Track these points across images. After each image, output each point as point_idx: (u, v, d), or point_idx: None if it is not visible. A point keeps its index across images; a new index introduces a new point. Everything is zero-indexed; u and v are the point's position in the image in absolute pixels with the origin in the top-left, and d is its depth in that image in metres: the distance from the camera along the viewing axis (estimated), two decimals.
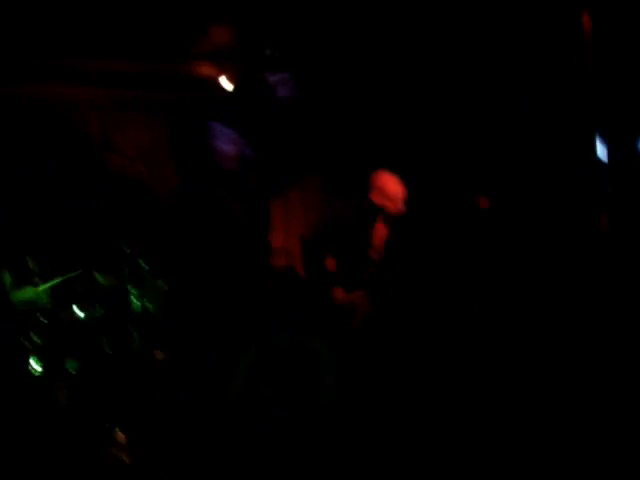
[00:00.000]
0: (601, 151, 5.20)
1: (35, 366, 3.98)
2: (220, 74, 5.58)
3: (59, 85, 5.07)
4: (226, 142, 5.52)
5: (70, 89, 5.21)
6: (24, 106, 5.15)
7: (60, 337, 4.13)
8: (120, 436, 3.74)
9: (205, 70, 5.43)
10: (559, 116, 5.25)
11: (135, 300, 4.42)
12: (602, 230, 4.97)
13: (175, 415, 3.91)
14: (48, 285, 4.44)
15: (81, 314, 4.23)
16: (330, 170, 6.42)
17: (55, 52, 4.53)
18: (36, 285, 4.46)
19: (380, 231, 4.52)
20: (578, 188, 5.09)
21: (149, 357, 4.22)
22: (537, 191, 5.11)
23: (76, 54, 4.62)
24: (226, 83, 5.61)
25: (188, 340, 4.35)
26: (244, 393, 4.02)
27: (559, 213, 5.03)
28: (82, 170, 5.27)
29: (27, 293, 4.40)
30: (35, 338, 4.06)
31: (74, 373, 4.01)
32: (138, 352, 4.24)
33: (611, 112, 5.27)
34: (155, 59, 5.01)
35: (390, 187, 4.42)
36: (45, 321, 4.13)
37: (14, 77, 4.79)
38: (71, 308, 4.25)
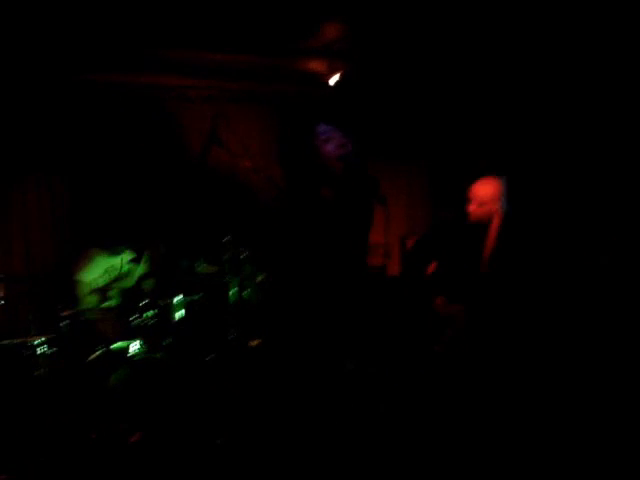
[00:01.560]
0: None
1: (133, 347, 4.08)
2: (330, 71, 5.58)
3: (171, 76, 5.22)
4: (330, 142, 5.49)
5: (182, 80, 5.36)
6: (137, 96, 5.35)
7: (160, 321, 4.21)
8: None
9: (315, 66, 5.42)
10: None
11: (233, 290, 4.45)
12: None
13: (262, 404, 3.90)
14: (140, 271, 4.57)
15: (179, 299, 4.29)
16: (436, 172, 6.29)
17: (169, 43, 4.64)
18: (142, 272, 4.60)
19: (489, 243, 4.32)
20: None
21: (243, 346, 4.23)
22: None
23: (188, 45, 4.72)
24: (334, 80, 5.59)
25: (282, 332, 4.33)
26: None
27: None
28: (190, 162, 5.40)
29: (131, 281, 4.54)
30: (136, 322, 4.15)
31: (170, 357, 4.07)
32: (233, 340, 4.26)
33: None
34: (267, 52, 5.05)
35: (482, 192, 4.23)
36: (146, 306, 4.22)
37: (127, 67, 4.97)
38: (172, 294, 4.33)
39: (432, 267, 4.43)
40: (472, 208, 4.20)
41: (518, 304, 4.20)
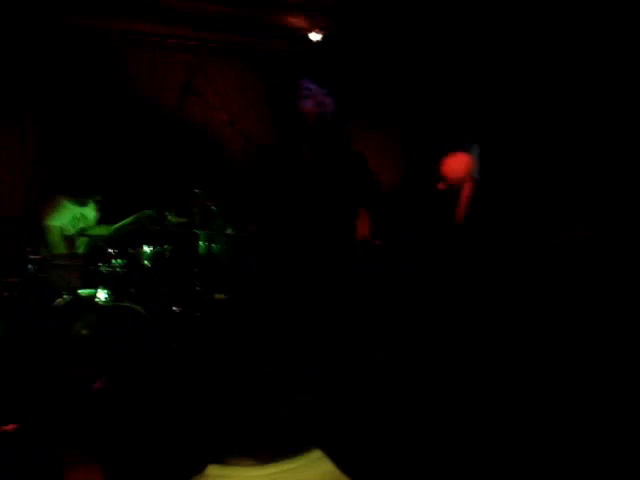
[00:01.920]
0: None
1: (101, 295, 4.09)
2: (312, 27, 5.52)
3: (150, 23, 5.13)
4: (310, 99, 5.46)
5: (162, 28, 5.27)
6: (114, 42, 5.25)
7: (127, 270, 4.22)
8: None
9: (296, 20, 5.37)
10: None
11: (202, 242, 4.46)
12: None
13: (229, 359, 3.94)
14: (121, 223, 4.56)
15: (148, 250, 4.29)
16: (410, 136, 6.30)
17: None
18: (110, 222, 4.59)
19: (460, 211, 4.42)
20: None
21: (209, 297, 4.26)
22: None
23: None
24: (315, 36, 5.55)
25: (249, 287, 4.36)
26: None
27: None
28: (164, 112, 5.34)
29: (101, 229, 4.53)
30: (104, 269, 4.16)
31: (137, 306, 4.09)
32: (199, 292, 4.29)
33: None
34: (249, 3, 4.98)
35: (451, 169, 4.32)
36: (115, 255, 4.22)
37: (103, 11, 4.87)
38: (140, 244, 4.33)
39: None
40: (442, 184, 4.31)
41: (490, 274, 4.31)
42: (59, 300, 4.02)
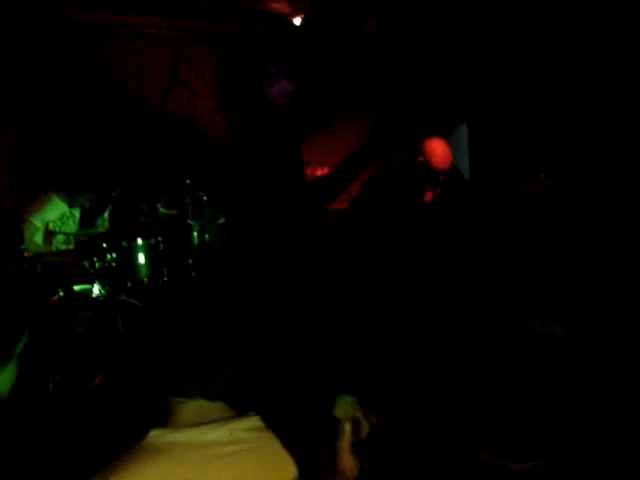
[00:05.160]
0: None
1: (96, 289, 4.08)
2: (294, 12, 5.48)
3: (132, 14, 5.07)
4: (275, 85, 5.45)
5: (143, 18, 5.20)
6: (98, 34, 5.18)
7: (121, 264, 4.20)
8: None
9: (278, 6, 5.32)
10: None
11: (195, 232, 4.45)
12: None
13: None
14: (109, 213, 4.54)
15: (141, 242, 4.27)
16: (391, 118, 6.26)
17: None
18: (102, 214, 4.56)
19: (429, 194, 4.50)
20: None
21: (203, 287, 4.26)
22: None
23: None
24: (298, 21, 5.51)
25: (241, 277, 4.37)
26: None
27: None
28: (150, 103, 5.29)
29: (92, 224, 4.51)
30: (98, 264, 4.14)
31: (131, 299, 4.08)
32: (193, 281, 4.29)
33: None
34: None
35: (438, 154, 4.36)
36: (108, 248, 4.20)
37: (88, 3, 4.80)
38: (133, 238, 4.31)
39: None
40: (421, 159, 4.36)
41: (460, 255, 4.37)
42: (54, 297, 4.00)
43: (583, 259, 4.33)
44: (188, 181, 4.56)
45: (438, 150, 4.38)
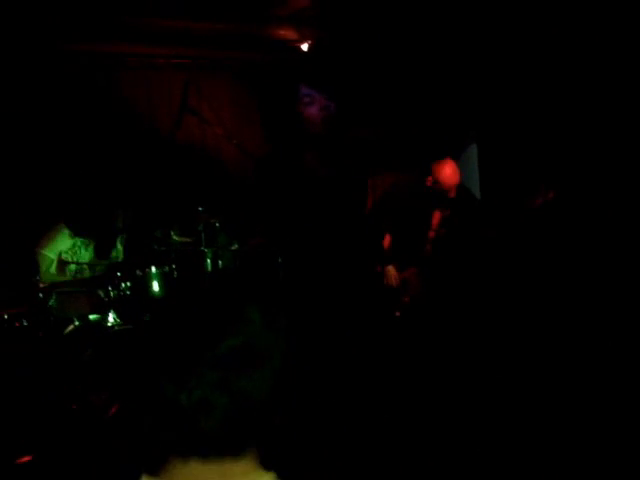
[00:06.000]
0: None
1: (111, 319, 4.07)
2: (301, 38, 5.52)
3: (140, 44, 5.13)
4: (314, 104, 5.46)
5: (151, 49, 5.27)
6: (106, 65, 5.24)
7: (135, 292, 4.20)
8: None
9: (285, 33, 5.38)
10: None
11: (209, 260, 4.45)
12: None
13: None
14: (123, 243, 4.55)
15: (155, 270, 4.27)
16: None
17: (138, 11, 4.56)
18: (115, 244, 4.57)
19: (437, 214, 4.52)
20: None
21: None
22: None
23: (158, 14, 4.65)
24: (306, 47, 5.55)
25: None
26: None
27: None
28: (160, 131, 5.34)
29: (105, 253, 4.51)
30: (113, 293, 4.14)
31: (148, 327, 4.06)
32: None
33: None
34: (237, 20, 4.99)
35: (447, 174, 4.40)
36: (122, 278, 4.20)
37: (96, 35, 4.86)
38: (147, 266, 4.31)
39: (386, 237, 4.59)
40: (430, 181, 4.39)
41: (470, 269, 4.38)
42: (70, 327, 4.00)
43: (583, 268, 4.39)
44: (201, 208, 4.57)
45: (446, 171, 4.40)
